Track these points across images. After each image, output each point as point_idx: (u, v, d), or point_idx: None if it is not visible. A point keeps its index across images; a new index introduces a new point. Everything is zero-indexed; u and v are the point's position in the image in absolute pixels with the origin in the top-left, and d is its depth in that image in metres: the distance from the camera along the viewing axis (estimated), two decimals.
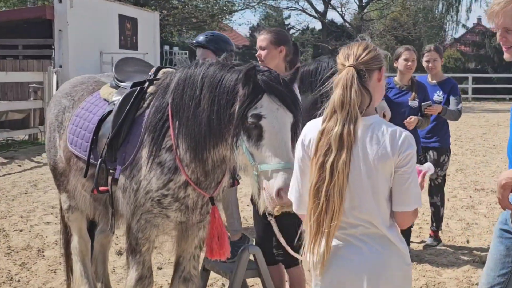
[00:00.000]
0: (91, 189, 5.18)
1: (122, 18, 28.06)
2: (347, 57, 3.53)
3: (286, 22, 63.18)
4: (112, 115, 5.08)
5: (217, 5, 45.29)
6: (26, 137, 19.16)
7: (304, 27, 58.86)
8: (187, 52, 40.44)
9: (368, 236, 3.47)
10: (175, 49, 41.21)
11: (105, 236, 6.34)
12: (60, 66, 22.69)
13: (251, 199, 6.07)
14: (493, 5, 3.87)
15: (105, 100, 5.46)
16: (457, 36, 61.58)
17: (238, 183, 5.54)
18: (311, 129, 3.60)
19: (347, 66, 3.48)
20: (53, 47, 23.35)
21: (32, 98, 19.26)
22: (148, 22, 30.87)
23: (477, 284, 6.93)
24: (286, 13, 61.34)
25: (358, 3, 51.95)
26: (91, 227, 6.25)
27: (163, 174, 4.74)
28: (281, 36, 6.02)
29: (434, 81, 8.41)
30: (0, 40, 23.78)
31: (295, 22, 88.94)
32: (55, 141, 5.81)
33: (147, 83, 5.14)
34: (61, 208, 6.29)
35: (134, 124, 4.99)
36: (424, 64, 8.44)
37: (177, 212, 4.84)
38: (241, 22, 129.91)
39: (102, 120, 5.25)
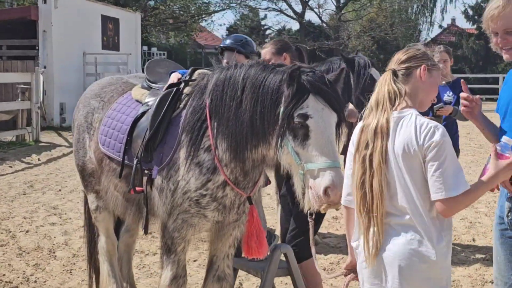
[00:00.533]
0: (128, 189, 5.19)
1: (105, 19, 28.03)
2: (391, 62, 3.83)
3: (263, 22, 63.22)
4: (149, 116, 5.10)
5: (194, 6, 45.29)
6: (14, 138, 19.04)
7: (281, 28, 58.90)
8: (165, 52, 40.39)
9: (401, 226, 3.62)
10: (154, 49, 41.17)
11: (130, 235, 6.38)
12: (45, 67, 22.61)
13: (281, 195, 6.16)
14: (491, 9, 3.99)
15: (137, 101, 5.49)
16: (431, 36, 62.05)
17: (270, 182, 5.59)
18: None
19: (387, 70, 3.78)
20: (37, 47, 23.25)
21: (20, 99, 19.12)
22: (130, 22, 30.84)
23: (491, 282, 7.05)
24: (262, 14, 61.42)
25: (335, 4, 52.16)
26: (116, 226, 6.26)
27: (201, 174, 4.77)
28: (281, 44, 6.35)
29: (444, 82, 8.49)
30: None
31: (272, 23, 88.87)
32: (84, 142, 5.81)
33: (182, 84, 5.18)
34: (86, 209, 6.30)
35: (171, 125, 5.01)
36: None
37: (215, 211, 4.87)
38: (221, 23, 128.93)
39: (135, 121, 5.29)
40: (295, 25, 66.38)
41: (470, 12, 51.07)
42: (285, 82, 4.25)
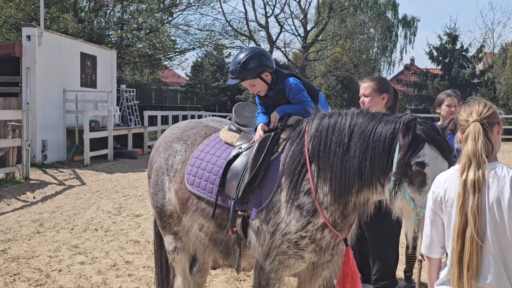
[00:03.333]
0: (217, 230, 5.37)
1: (83, 56, 28.06)
2: (470, 113, 3.95)
3: (227, 60, 63.54)
4: (249, 159, 5.27)
5: (160, 43, 45.39)
6: (4, 176, 18.89)
7: None
8: (134, 90, 40.40)
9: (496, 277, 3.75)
10: (123, 86, 41.15)
11: (201, 275, 6.52)
12: (27, 103, 22.50)
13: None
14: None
15: (226, 143, 5.65)
16: (391, 76, 63.23)
17: None
18: (445, 181, 3.95)
19: (472, 121, 3.90)
20: (20, 84, 23.15)
21: (10, 136, 19.02)
22: (106, 60, 30.95)
23: None
24: (226, 52, 61.70)
25: (301, 43, 52.81)
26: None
27: (302, 216, 4.96)
28: (384, 83, 6.40)
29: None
30: None
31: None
32: (163, 184, 5.94)
33: (280, 129, 5.36)
34: (157, 249, 6.42)
35: (269, 168, 5.20)
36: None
37: (312, 253, 5.06)
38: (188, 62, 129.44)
39: (229, 163, 5.45)
40: None
41: (435, 53, 52.05)
42: (402, 131, 4.47)
